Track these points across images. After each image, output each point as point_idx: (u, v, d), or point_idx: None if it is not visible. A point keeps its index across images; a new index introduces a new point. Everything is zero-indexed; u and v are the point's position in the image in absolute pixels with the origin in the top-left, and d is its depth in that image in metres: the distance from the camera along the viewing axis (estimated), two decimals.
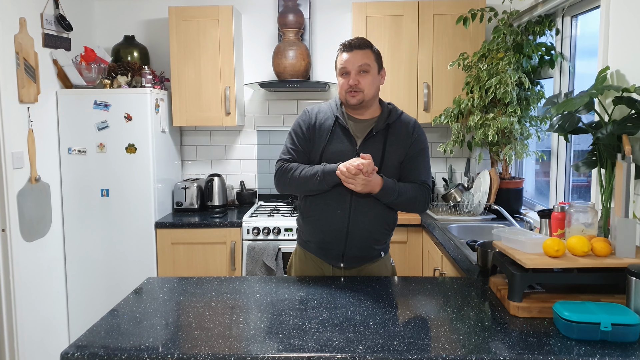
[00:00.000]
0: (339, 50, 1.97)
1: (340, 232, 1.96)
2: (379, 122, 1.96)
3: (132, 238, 3.18)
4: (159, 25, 3.65)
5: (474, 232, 2.89)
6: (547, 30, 2.89)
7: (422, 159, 2.00)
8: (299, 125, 2.02)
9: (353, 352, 1.31)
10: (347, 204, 1.94)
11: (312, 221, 2.01)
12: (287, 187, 1.99)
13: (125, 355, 1.32)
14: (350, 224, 1.95)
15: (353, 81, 1.90)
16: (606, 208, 1.80)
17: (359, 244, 1.98)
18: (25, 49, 2.79)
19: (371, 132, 1.95)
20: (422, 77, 3.31)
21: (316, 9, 3.64)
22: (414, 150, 1.98)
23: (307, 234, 2.06)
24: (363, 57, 1.92)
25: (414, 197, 1.94)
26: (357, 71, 1.91)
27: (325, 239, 2.00)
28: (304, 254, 2.09)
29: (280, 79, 3.44)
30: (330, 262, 2.02)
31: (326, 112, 2.01)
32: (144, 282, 1.91)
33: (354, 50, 1.92)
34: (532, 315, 1.52)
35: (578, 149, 2.79)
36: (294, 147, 2.00)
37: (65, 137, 3.15)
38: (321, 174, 1.88)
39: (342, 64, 1.93)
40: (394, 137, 1.95)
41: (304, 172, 1.92)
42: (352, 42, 1.94)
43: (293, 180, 1.94)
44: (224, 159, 3.78)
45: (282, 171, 1.98)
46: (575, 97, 1.77)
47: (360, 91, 1.91)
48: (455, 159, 3.69)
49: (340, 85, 1.95)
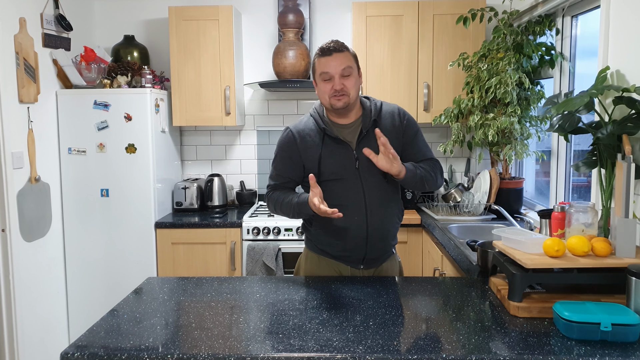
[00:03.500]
0: (317, 55, 1.91)
1: (360, 238, 1.95)
2: (365, 121, 1.94)
3: (132, 238, 3.18)
4: (159, 25, 3.65)
5: (474, 232, 2.89)
6: (547, 30, 2.89)
7: (420, 139, 2.02)
8: (282, 149, 2.00)
9: (353, 352, 1.31)
10: (362, 209, 1.93)
11: (331, 231, 1.97)
12: (277, 214, 2.05)
13: (125, 355, 1.32)
14: (369, 227, 1.94)
15: (339, 85, 1.86)
16: (606, 208, 1.80)
17: (378, 244, 1.99)
18: (25, 49, 2.79)
19: (362, 132, 1.93)
20: (422, 77, 3.31)
21: (316, 9, 3.64)
22: (410, 135, 1.99)
23: (324, 243, 2.02)
24: (344, 60, 1.88)
25: (431, 172, 1.97)
26: (340, 75, 1.87)
27: (346, 247, 1.98)
28: (318, 258, 2.05)
29: (280, 79, 3.44)
30: (350, 265, 2.02)
31: (311, 129, 1.96)
32: (144, 282, 1.91)
33: (334, 54, 1.87)
34: (532, 315, 1.52)
35: (578, 149, 2.79)
36: (278, 172, 2.03)
37: (65, 137, 3.14)
38: (297, 207, 1.92)
39: (324, 68, 1.88)
40: (385, 131, 1.91)
41: (284, 204, 1.96)
42: (330, 46, 1.89)
43: (277, 209, 2.01)
44: (224, 159, 3.78)
45: (268, 200, 2.05)
46: (575, 97, 1.77)
47: (345, 94, 1.88)
48: (455, 159, 3.69)
49: (323, 91, 1.90)
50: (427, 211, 3.27)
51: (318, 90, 1.93)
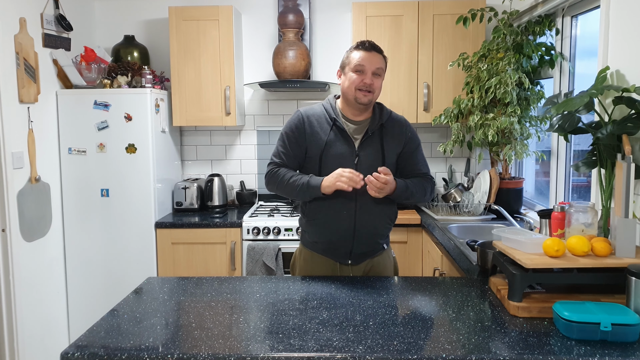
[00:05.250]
0: (356, 47, 1.97)
1: (348, 232, 2.00)
2: (372, 122, 2.02)
3: (132, 238, 3.18)
4: (159, 25, 3.65)
5: (474, 232, 2.89)
6: (547, 30, 2.89)
7: (420, 153, 2.11)
8: (291, 129, 2.04)
9: (353, 352, 1.31)
10: (352, 203, 1.98)
11: (319, 223, 2.04)
12: (275, 190, 2.07)
13: (125, 355, 1.32)
14: (356, 223, 1.99)
15: (370, 80, 1.93)
16: (606, 208, 1.80)
17: (365, 240, 2.04)
18: (25, 49, 2.79)
19: (367, 132, 1.99)
20: (422, 77, 3.31)
21: (316, 9, 3.64)
22: (411, 147, 2.07)
23: (313, 235, 2.09)
24: (379, 60, 1.97)
25: (423, 189, 2.06)
26: (373, 72, 1.95)
27: (332, 239, 2.04)
28: (310, 255, 2.11)
29: (280, 79, 3.44)
30: (338, 260, 2.07)
31: (320, 116, 2.03)
32: (144, 282, 1.91)
33: (372, 51, 1.95)
34: (532, 315, 1.52)
35: (578, 149, 2.79)
36: (285, 150, 2.04)
37: (65, 137, 3.15)
38: (306, 187, 1.94)
39: (361, 61, 1.94)
40: (389, 137, 2.02)
41: (291, 181, 1.98)
42: (370, 43, 1.97)
43: (281, 186, 2.01)
44: (224, 159, 3.78)
45: (271, 175, 2.05)
46: (575, 97, 1.77)
47: (372, 92, 1.95)
48: (455, 159, 3.69)
49: (352, 81, 1.95)
50: (427, 211, 3.27)
51: (346, 79, 1.98)
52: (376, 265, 2.10)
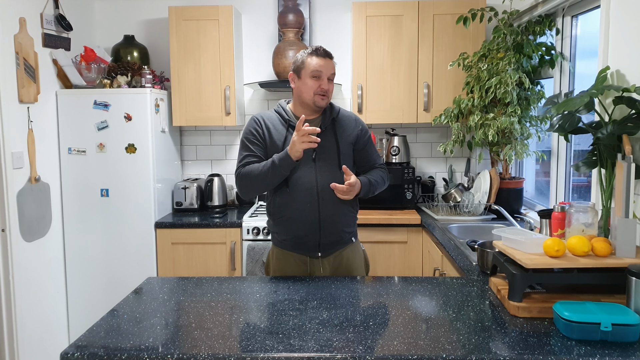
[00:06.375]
0: (310, 54, 2.09)
1: (313, 224, 2.08)
2: (324, 119, 2.14)
3: (132, 238, 3.18)
4: (159, 25, 3.65)
5: (474, 232, 2.89)
6: (547, 30, 2.89)
7: (372, 146, 2.26)
8: (250, 133, 2.13)
9: (353, 352, 1.31)
10: (314, 196, 2.06)
11: (285, 220, 2.12)
12: (250, 189, 2.13)
13: (125, 355, 1.32)
14: (321, 214, 2.07)
15: (326, 86, 2.08)
16: (606, 208, 1.79)
17: (332, 230, 2.11)
18: (25, 49, 2.79)
19: (320, 128, 2.08)
20: (422, 77, 3.31)
21: (316, 9, 3.64)
22: (363, 140, 2.21)
23: (282, 233, 2.15)
24: (333, 66, 2.12)
25: (382, 180, 2.22)
26: (328, 77, 2.09)
27: (300, 234, 2.10)
28: (282, 253, 2.17)
29: (280, 79, 3.44)
30: (308, 254, 2.12)
31: (275, 119, 2.15)
32: (144, 282, 1.91)
33: (326, 58, 2.09)
34: (532, 315, 1.52)
35: (578, 149, 2.79)
36: (249, 152, 2.11)
37: (65, 137, 3.14)
38: (276, 164, 2.00)
39: (318, 67, 2.06)
40: (341, 130, 2.15)
41: (260, 168, 2.04)
42: (324, 49, 2.10)
43: (253, 180, 2.06)
44: (223, 159, 3.78)
45: (240, 176, 2.10)
46: (575, 97, 1.77)
47: (327, 96, 2.10)
48: (455, 159, 3.69)
49: (310, 87, 2.07)
50: (427, 211, 3.27)
51: (303, 85, 2.10)
52: (345, 257, 2.16)
